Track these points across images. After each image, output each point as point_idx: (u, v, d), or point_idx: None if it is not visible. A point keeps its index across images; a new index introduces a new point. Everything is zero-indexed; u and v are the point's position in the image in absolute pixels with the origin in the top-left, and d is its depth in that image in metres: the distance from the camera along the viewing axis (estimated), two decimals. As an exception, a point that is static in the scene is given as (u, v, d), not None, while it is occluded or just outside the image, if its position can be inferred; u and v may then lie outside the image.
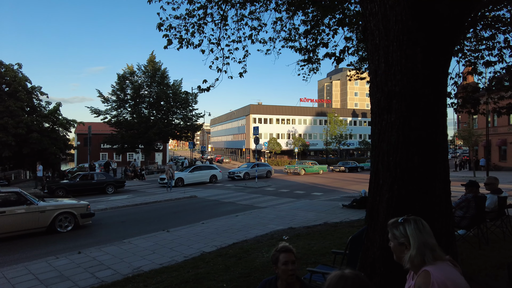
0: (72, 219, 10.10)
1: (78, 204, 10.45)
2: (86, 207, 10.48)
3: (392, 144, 3.60)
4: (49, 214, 9.62)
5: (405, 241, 1.91)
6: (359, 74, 12.04)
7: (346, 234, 7.55)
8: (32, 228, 9.35)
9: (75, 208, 10.21)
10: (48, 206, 9.73)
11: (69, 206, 10.13)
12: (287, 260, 2.47)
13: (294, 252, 2.56)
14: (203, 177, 24.34)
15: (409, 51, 3.55)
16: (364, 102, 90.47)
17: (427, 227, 1.95)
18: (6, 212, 8.86)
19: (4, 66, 22.40)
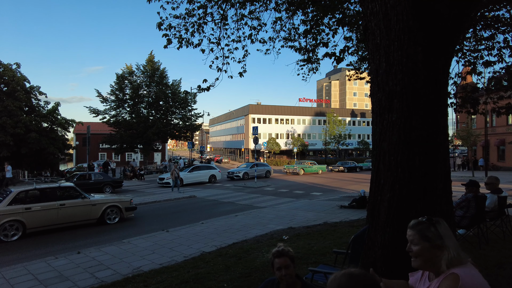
0: (118, 212, 11.21)
1: (123, 198, 11.68)
2: (130, 201, 11.59)
3: (393, 143, 3.60)
4: (99, 207, 10.75)
5: (440, 243, 1.79)
6: (358, 74, 12.05)
7: (346, 234, 7.55)
8: (85, 219, 10.49)
9: (121, 202, 11.31)
10: (99, 200, 10.88)
11: (115, 200, 11.32)
12: (280, 266, 2.46)
13: (290, 254, 2.49)
14: (202, 177, 24.33)
15: (410, 51, 3.55)
16: (363, 102, 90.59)
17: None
18: (66, 204, 10.01)
19: (2, 66, 22.32)
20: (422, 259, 1.83)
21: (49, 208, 9.69)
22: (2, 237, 8.84)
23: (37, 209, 9.48)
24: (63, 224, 10.03)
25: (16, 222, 9.09)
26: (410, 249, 1.86)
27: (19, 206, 9.20)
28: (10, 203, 9.11)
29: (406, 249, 1.88)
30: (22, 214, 9.19)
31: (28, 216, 9.28)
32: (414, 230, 1.86)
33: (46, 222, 9.68)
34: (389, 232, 3.53)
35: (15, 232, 9.09)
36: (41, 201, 9.69)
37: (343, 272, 1.52)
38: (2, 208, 8.93)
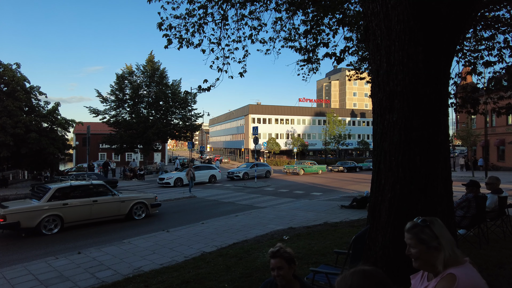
0: (145, 209, 11.80)
1: (149, 195, 12.27)
2: (155, 198, 12.20)
3: (394, 143, 3.61)
4: (127, 204, 11.37)
5: (436, 243, 1.77)
6: (358, 74, 12.05)
7: (346, 234, 7.55)
8: (115, 215, 11.11)
9: (147, 199, 11.91)
10: (127, 197, 11.50)
11: (142, 197, 11.93)
12: (272, 267, 2.46)
13: (285, 256, 2.42)
14: (202, 177, 24.29)
15: (411, 51, 3.56)
16: (363, 102, 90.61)
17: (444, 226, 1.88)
18: (98, 201, 10.68)
19: (2, 66, 22.28)
20: (421, 261, 1.83)
21: (84, 204, 10.38)
22: (44, 230, 9.49)
23: (73, 204, 10.17)
24: (95, 219, 10.67)
25: (55, 216, 9.75)
26: (409, 251, 1.85)
27: (57, 202, 9.88)
28: (50, 199, 9.76)
29: (406, 252, 1.88)
30: (60, 209, 9.86)
31: (66, 211, 9.96)
32: (410, 234, 1.85)
33: (81, 217, 10.35)
34: (390, 232, 3.54)
35: (55, 226, 9.74)
36: (76, 197, 10.40)
37: (354, 270, 1.45)
38: (43, 203, 9.61)
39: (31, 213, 9.38)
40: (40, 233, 9.44)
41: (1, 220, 8.94)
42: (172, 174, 24.02)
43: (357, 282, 1.40)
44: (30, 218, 9.33)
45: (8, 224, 9.03)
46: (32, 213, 9.38)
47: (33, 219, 9.36)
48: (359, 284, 1.39)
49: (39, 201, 9.74)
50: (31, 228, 9.37)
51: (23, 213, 9.29)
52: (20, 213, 9.24)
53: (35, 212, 9.42)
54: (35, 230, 9.41)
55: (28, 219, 9.30)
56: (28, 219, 9.30)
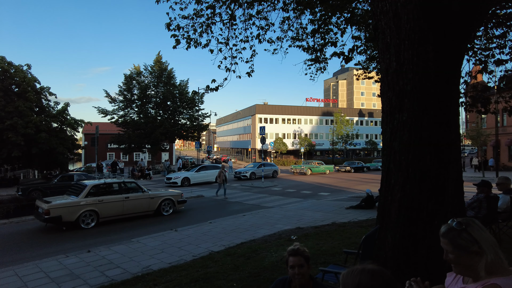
0: (172, 205, 12.33)
1: (175, 192, 12.88)
2: (181, 195, 12.81)
3: (404, 143, 3.58)
4: (156, 200, 11.90)
5: (477, 248, 1.63)
6: (366, 74, 11.97)
7: (354, 234, 7.51)
8: (144, 211, 11.67)
9: (174, 196, 12.48)
10: (156, 194, 12.06)
11: (169, 194, 12.49)
12: (293, 264, 2.47)
13: (305, 254, 2.50)
14: (209, 177, 24.35)
15: (421, 50, 3.52)
16: (371, 101, 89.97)
17: None
18: (130, 197, 11.25)
19: (14, 67, 22.62)
20: (461, 267, 1.70)
21: (117, 200, 10.96)
22: (82, 224, 10.12)
23: (107, 201, 10.76)
24: (127, 215, 11.26)
25: (91, 212, 10.36)
26: (447, 257, 1.72)
27: (93, 198, 10.50)
28: (86, 196, 10.38)
29: (444, 257, 1.74)
30: (96, 205, 10.47)
31: (101, 207, 10.55)
32: (446, 239, 1.72)
33: (114, 213, 10.93)
34: (400, 232, 3.51)
35: (91, 220, 10.36)
36: (109, 194, 11.02)
37: (362, 269, 1.41)
38: (80, 199, 10.23)
39: (71, 208, 10.02)
40: (79, 227, 10.08)
41: (46, 214, 9.55)
42: (180, 173, 24.16)
43: (365, 282, 1.36)
44: (70, 213, 9.97)
45: (51, 217, 9.62)
46: (71, 208, 10.02)
47: (72, 214, 10.00)
48: (367, 285, 1.35)
49: (77, 197, 10.33)
50: (71, 222, 10.00)
51: (64, 208, 9.91)
52: (61, 208, 9.86)
53: (74, 207, 10.06)
54: (74, 224, 10.04)
55: (68, 214, 9.93)
56: (68, 213, 9.93)
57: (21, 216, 11.78)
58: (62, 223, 9.92)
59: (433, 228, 3.36)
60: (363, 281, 1.36)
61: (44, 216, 9.61)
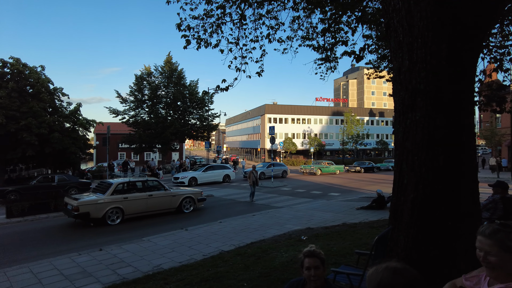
0: (192, 203, 12.77)
1: (195, 190, 13.35)
2: (200, 193, 13.23)
3: (416, 143, 3.53)
4: (178, 198, 12.36)
5: None
6: (377, 73, 11.84)
7: (365, 235, 7.44)
8: (167, 208, 12.10)
9: (194, 193, 12.94)
10: (177, 192, 12.56)
11: (190, 192, 13.00)
12: (309, 266, 2.44)
13: (321, 256, 2.49)
14: (216, 177, 24.35)
15: (434, 48, 3.47)
16: (381, 101, 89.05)
17: None
18: (153, 195, 11.67)
19: (28, 68, 23.05)
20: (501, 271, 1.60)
21: (141, 198, 11.41)
22: (109, 221, 10.58)
23: (132, 198, 11.21)
24: (150, 212, 11.70)
25: (117, 209, 10.81)
26: (486, 260, 1.61)
27: (119, 196, 10.95)
28: (112, 193, 10.83)
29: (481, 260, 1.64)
30: (121, 202, 10.91)
31: (126, 204, 11.00)
32: (491, 240, 1.60)
33: (138, 210, 11.37)
34: (413, 233, 3.46)
35: (117, 217, 10.81)
36: (134, 192, 11.50)
37: (385, 266, 1.38)
38: (107, 197, 10.68)
39: (98, 205, 10.46)
40: (105, 223, 10.52)
41: (75, 211, 10.02)
42: (187, 173, 24.24)
43: (387, 279, 1.33)
44: (97, 210, 10.41)
45: (80, 214, 10.10)
46: (99, 205, 10.47)
47: (99, 211, 10.44)
48: (388, 282, 1.33)
49: (103, 194, 10.75)
50: (98, 219, 10.44)
51: (91, 205, 10.36)
52: (89, 205, 10.32)
53: (101, 205, 10.50)
54: (101, 221, 10.48)
55: (96, 211, 10.37)
56: (96, 210, 10.37)
57: (35, 214, 12.02)
58: (90, 219, 10.34)
59: (447, 229, 3.31)
60: (384, 279, 1.34)
61: (73, 213, 10.06)
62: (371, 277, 1.40)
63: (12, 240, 9.07)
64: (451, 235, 3.31)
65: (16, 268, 6.41)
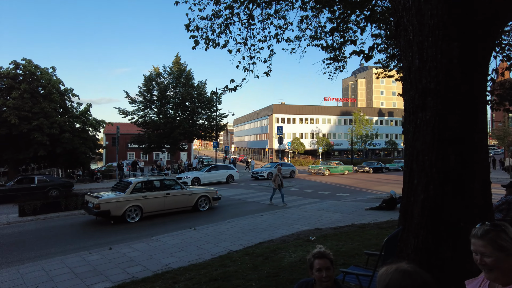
0: (208, 201, 13.04)
1: (211, 189, 13.60)
2: (215, 192, 13.48)
3: (427, 143, 3.49)
4: (194, 197, 12.66)
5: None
6: (387, 72, 11.74)
7: (374, 236, 7.38)
8: (183, 206, 12.42)
9: (209, 192, 13.24)
10: (194, 191, 12.89)
11: (206, 191, 13.28)
12: (320, 267, 2.43)
13: (330, 257, 2.49)
14: (219, 177, 24.13)
15: (445, 47, 3.42)
16: (391, 101, 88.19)
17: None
18: (170, 194, 12.01)
19: (40, 70, 23.47)
20: (498, 272, 1.58)
21: (159, 196, 11.69)
22: (128, 219, 10.84)
23: (151, 197, 11.49)
24: (168, 210, 11.98)
25: (136, 207, 11.10)
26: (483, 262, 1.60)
27: (138, 194, 11.23)
28: (132, 192, 11.12)
29: (478, 262, 1.62)
30: (140, 201, 11.19)
31: (145, 202, 11.28)
32: (483, 240, 1.60)
33: (156, 208, 11.66)
34: (423, 234, 3.42)
35: (136, 215, 11.08)
36: (152, 190, 11.75)
37: (396, 267, 1.36)
38: (127, 195, 10.96)
39: (118, 203, 10.74)
40: (125, 221, 10.79)
41: (96, 208, 10.32)
42: (190, 173, 24.19)
43: (396, 281, 1.32)
44: (118, 208, 10.69)
45: (101, 211, 10.38)
46: (119, 203, 10.75)
47: (119, 209, 10.72)
48: (397, 284, 1.31)
49: (123, 193, 11.04)
50: (118, 216, 10.72)
51: (112, 203, 10.65)
52: (110, 203, 10.61)
53: (121, 203, 10.79)
54: (121, 218, 10.76)
55: (116, 209, 10.66)
56: (116, 208, 10.66)
57: (47, 213, 12.21)
58: (110, 217, 10.63)
59: (458, 231, 3.27)
60: (393, 281, 1.32)
61: (94, 210, 10.35)
62: (380, 277, 1.39)
63: (25, 238, 9.22)
64: (463, 237, 3.27)
65: (29, 265, 6.53)
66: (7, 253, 7.84)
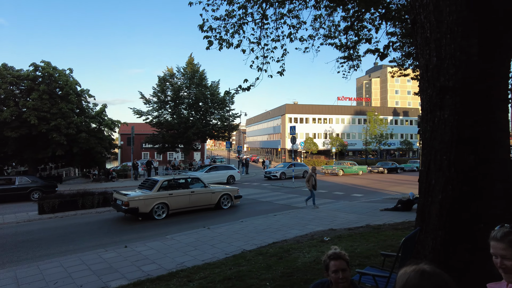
0: (230, 200, 13.40)
1: (233, 188, 14.05)
2: (237, 191, 13.89)
3: (445, 142, 3.42)
4: (217, 195, 13.02)
5: None
6: (402, 71, 11.54)
7: (390, 237, 7.27)
8: (207, 204, 12.79)
9: (231, 191, 13.61)
10: (216, 189, 13.25)
11: (228, 189, 13.64)
12: (336, 269, 2.40)
13: (346, 258, 2.46)
14: (219, 178, 23.68)
15: (464, 43, 3.34)
16: (406, 100, 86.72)
17: None
18: (195, 192, 12.37)
19: (58, 71, 24.08)
20: None
21: (184, 194, 12.08)
22: (155, 216, 11.25)
23: (176, 194, 11.88)
24: (192, 208, 12.36)
25: (163, 204, 11.49)
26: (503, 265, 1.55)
27: (165, 192, 11.66)
28: (159, 190, 11.52)
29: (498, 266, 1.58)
30: (167, 198, 11.59)
31: (171, 200, 11.67)
32: (504, 243, 1.55)
33: (182, 205, 12.05)
34: (441, 235, 3.36)
35: (163, 212, 11.46)
36: (178, 188, 12.15)
37: (414, 267, 1.34)
38: (154, 193, 11.38)
39: (146, 201, 11.12)
40: (152, 218, 11.18)
41: (125, 206, 10.70)
42: (188, 174, 24.08)
43: (413, 282, 1.29)
44: (145, 205, 11.08)
45: (130, 209, 10.78)
46: (147, 201, 11.13)
47: (147, 206, 11.11)
48: (414, 284, 1.28)
49: (150, 191, 11.45)
50: (146, 213, 11.11)
51: (140, 200, 11.03)
52: (138, 200, 11.00)
53: (149, 200, 11.17)
54: (149, 215, 11.15)
55: (144, 206, 11.04)
56: (144, 205, 11.04)
57: (64, 211, 12.50)
58: (139, 214, 11.02)
59: (478, 232, 3.18)
60: (410, 281, 1.29)
61: (123, 207, 10.75)
62: (399, 277, 1.37)
63: (44, 235, 9.46)
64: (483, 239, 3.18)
65: (48, 262, 6.70)
66: (28, 249, 8.07)
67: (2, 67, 22.33)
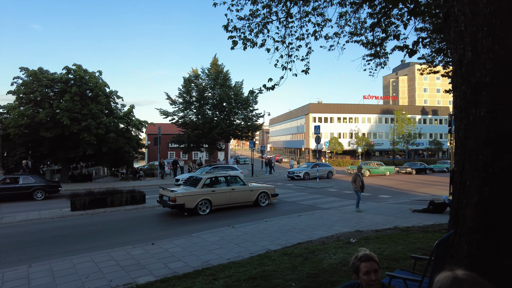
0: (267, 197, 13.97)
1: (270, 186, 14.51)
2: (274, 189, 14.41)
3: (481, 141, 3.24)
4: (255, 193, 13.61)
5: None
6: (431, 68, 11.12)
7: (420, 240, 7.02)
8: (246, 201, 13.41)
9: (268, 189, 14.18)
10: (255, 187, 13.83)
11: (265, 187, 14.22)
12: (368, 270, 2.33)
13: (376, 259, 2.41)
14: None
15: (503, 36, 3.16)
16: (435, 98, 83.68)
17: None
18: (235, 189, 13.00)
19: (88, 74, 25.06)
20: None
21: (226, 191, 12.74)
22: (200, 211, 11.87)
23: (219, 191, 12.54)
24: (232, 204, 12.99)
25: (206, 200, 12.12)
26: None
27: (208, 189, 12.35)
28: (203, 187, 12.24)
29: None
30: (210, 195, 12.23)
31: (213, 196, 12.31)
32: None
33: (223, 202, 12.68)
34: (477, 239, 3.18)
35: (206, 208, 12.11)
36: (219, 185, 12.88)
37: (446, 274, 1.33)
38: (198, 189, 12.09)
39: (191, 197, 11.78)
40: (197, 213, 11.83)
41: (172, 201, 11.37)
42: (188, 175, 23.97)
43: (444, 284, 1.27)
44: (191, 201, 11.73)
45: (177, 204, 11.41)
46: (192, 197, 11.79)
47: (192, 202, 11.75)
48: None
49: (195, 187, 12.18)
50: (191, 209, 11.75)
51: (186, 197, 11.67)
52: (184, 197, 11.62)
53: (194, 196, 11.83)
54: (193, 211, 11.79)
55: (189, 202, 11.70)
56: (189, 201, 11.70)
57: (95, 208, 12.97)
58: (185, 209, 11.66)
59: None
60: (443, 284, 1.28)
61: (170, 203, 11.40)
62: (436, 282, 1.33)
63: (76, 231, 9.85)
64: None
65: (80, 256, 6.96)
66: (61, 244, 8.44)
67: (38, 71, 23.46)
